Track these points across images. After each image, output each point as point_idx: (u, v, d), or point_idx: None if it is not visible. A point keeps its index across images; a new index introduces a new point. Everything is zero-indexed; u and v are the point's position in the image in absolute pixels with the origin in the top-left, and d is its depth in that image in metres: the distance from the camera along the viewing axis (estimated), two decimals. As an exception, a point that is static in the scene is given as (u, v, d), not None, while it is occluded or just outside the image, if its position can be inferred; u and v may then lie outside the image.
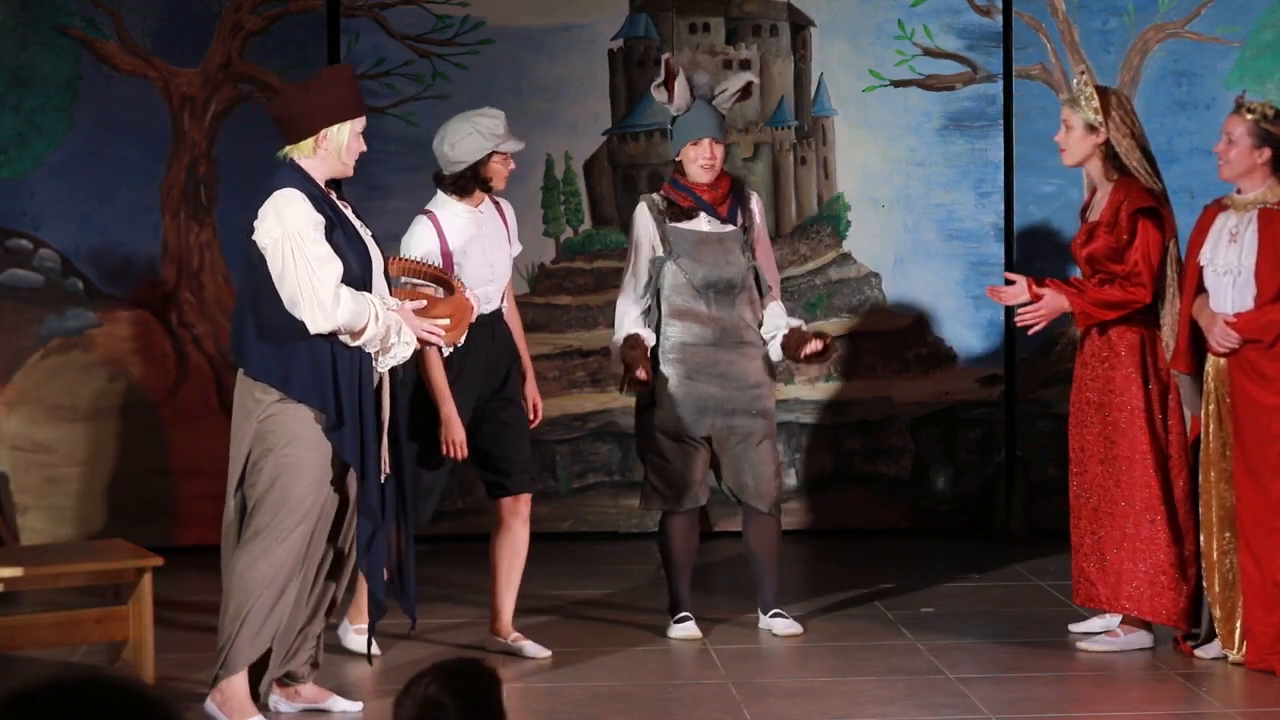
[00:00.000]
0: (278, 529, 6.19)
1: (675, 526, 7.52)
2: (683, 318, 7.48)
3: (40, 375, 9.05)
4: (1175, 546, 7.20)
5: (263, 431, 6.21)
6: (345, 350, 6.19)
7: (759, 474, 7.49)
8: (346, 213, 6.35)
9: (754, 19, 9.43)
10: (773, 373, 7.61)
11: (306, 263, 6.11)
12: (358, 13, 9.21)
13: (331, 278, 6.12)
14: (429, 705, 3.31)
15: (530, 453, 7.37)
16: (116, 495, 9.06)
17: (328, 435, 6.19)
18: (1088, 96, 7.26)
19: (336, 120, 6.28)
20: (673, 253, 7.47)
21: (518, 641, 7.23)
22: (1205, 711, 6.53)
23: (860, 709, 6.59)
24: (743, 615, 7.78)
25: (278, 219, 6.15)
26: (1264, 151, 6.96)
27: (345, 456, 6.21)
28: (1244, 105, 7.07)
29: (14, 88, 8.97)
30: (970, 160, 9.42)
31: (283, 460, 6.19)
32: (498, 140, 7.14)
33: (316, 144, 6.27)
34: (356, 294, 6.17)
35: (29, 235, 9.03)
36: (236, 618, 6.22)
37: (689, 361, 7.46)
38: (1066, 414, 9.38)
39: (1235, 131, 7.00)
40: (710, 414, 7.46)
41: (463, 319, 6.52)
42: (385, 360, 6.27)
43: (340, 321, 6.12)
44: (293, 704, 6.52)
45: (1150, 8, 9.27)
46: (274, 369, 6.20)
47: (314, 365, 6.16)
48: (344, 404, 6.17)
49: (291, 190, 6.18)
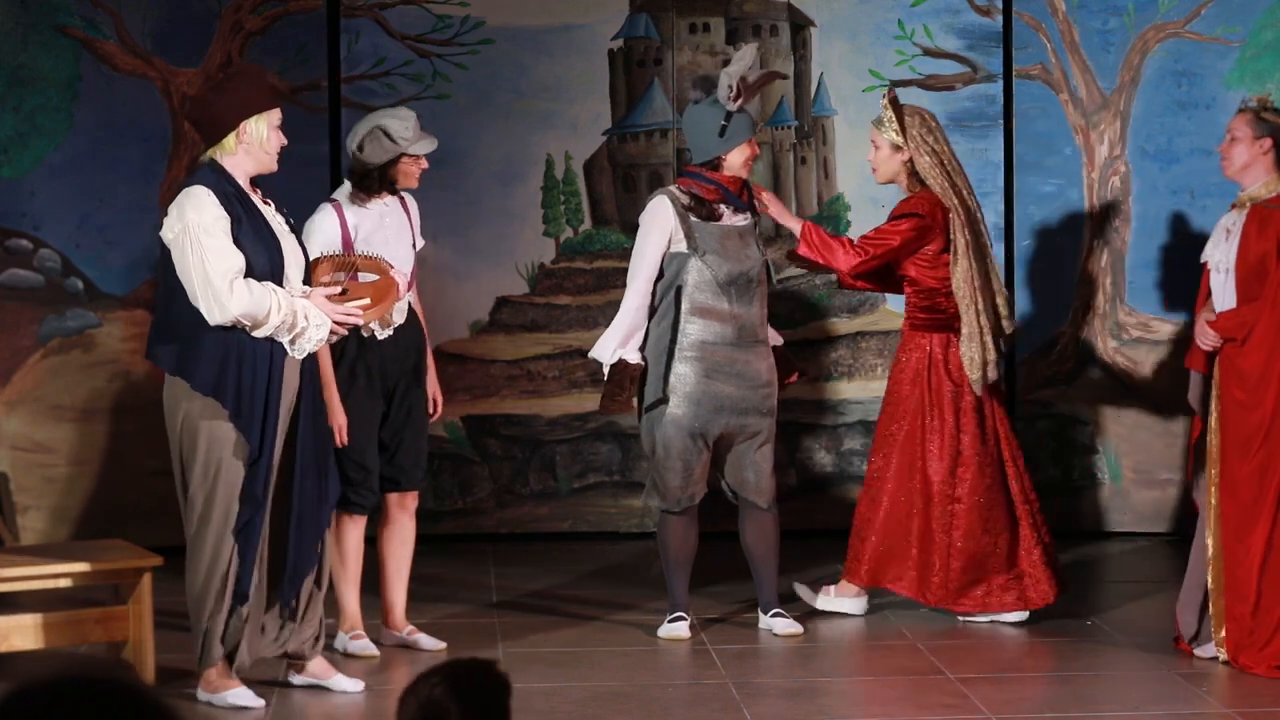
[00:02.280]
0: (215, 522, 6.45)
1: (674, 525, 7.53)
2: (704, 315, 7.47)
3: (40, 375, 9.05)
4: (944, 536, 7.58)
5: (186, 427, 6.48)
6: (252, 341, 6.40)
7: (760, 471, 7.51)
8: (265, 209, 6.55)
9: (754, 19, 9.43)
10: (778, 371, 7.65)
11: (203, 256, 6.36)
12: (358, 13, 9.21)
13: (227, 270, 6.35)
14: (431, 707, 3.28)
15: (426, 448, 7.45)
16: (116, 495, 9.06)
17: (231, 423, 6.41)
18: (890, 118, 7.65)
19: (253, 114, 6.50)
20: (698, 249, 7.46)
21: (412, 635, 7.36)
22: (1205, 711, 6.53)
23: (860, 709, 6.59)
24: (742, 615, 7.79)
25: (179, 215, 6.43)
26: (1264, 142, 6.99)
27: (248, 442, 6.41)
28: (1246, 103, 7.11)
29: (14, 88, 8.97)
30: (970, 160, 9.40)
31: (210, 455, 6.44)
32: (406, 143, 7.21)
33: (238, 139, 6.50)
34: (255, 285, 6.38)
35: (29, 235, 9.03)
36: (200, 617, 6.49)
37: (707, 360, 7.46)
38: (1066, 414, 9.41)
39: (1237, 128, 7.03)
40: (725, 413, 7.46)
41: (385, 298, 6.74)
42: (300, 345, 6.49)
43: (235, 313, 6.35)
44: (300, 677, 6.80)
45: (1150, 8, 9.27)
46: (179, 361, 6.46)
47: (215, 356, 6.39)
48: (244, 393, 6.39)
49: (198, 188, 6.44)
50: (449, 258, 9.18)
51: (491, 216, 9.22)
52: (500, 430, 9.35)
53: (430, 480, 9.28)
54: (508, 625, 7.70)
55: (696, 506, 7.54)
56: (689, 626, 7.52)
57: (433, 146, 7.31)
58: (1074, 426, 9.37)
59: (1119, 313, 9.31)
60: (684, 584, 7.57)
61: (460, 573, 8.61)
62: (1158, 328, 9.28)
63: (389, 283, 6.79)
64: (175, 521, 8.91)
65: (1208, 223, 9.18)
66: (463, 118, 9.24)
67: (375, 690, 6.82)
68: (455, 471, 9.35)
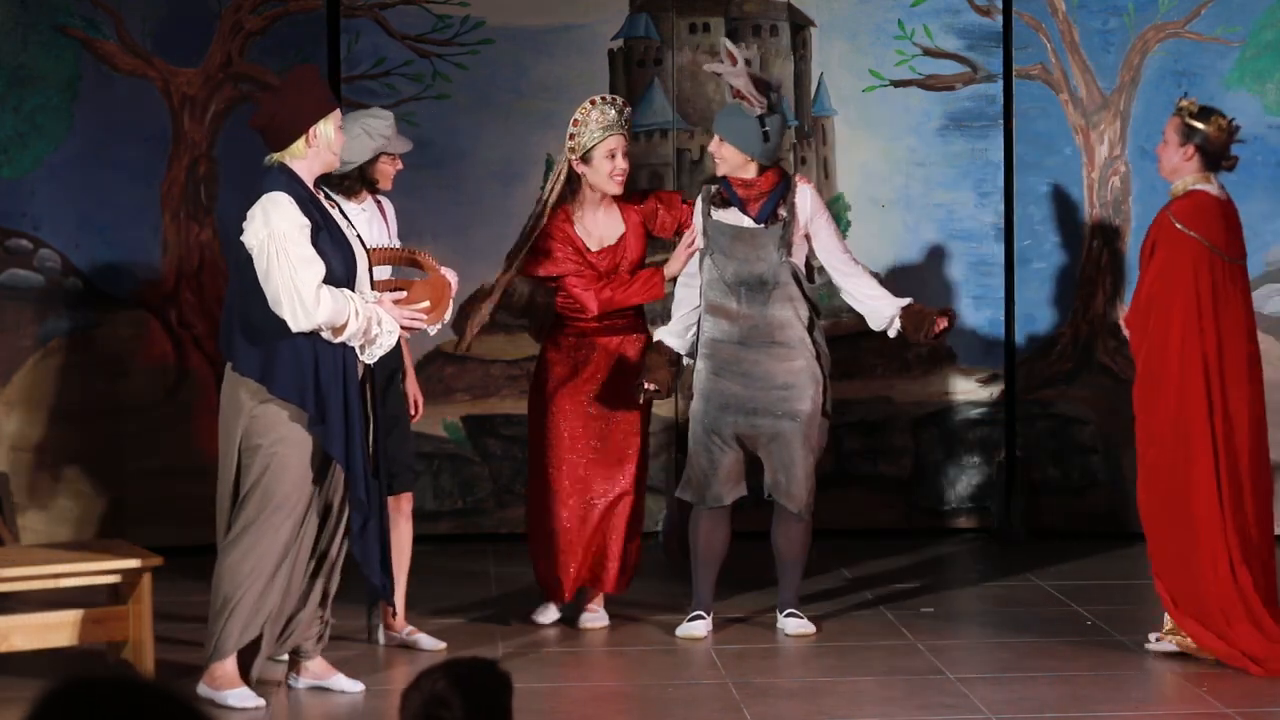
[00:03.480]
0: (264, 524, 6.46)
1: (699, 522, 7.53)
2: (715, 314, 7.50)
3: (40, 375, 9.04)
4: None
5: (250, 428, 6.47)
6: (328, 347, 6.43)
7: (790, 475, 7.45)
8: (334, 213, 6.58)
9: (754, 19, 9.43)
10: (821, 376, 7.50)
11: (289, 264, 6.36)
12: (358, 13, 9.21)
13: (313, 279, 6.36)
14: (434, 702, 3.29)
15: (413, 450, 7.48)
16: (116, 495, 9.05)
17: (310, 430, 6.43)
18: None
19: (321, 115, 6.53)
20: (710, 248, 7.49)
21: (412, 635, 7.38)
22: (1205, 711, 6.53)
23: (860, 709, 6.59)
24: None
25: (265, 221, 6.41)
26: (1188, 149, 7.11)
27: (330, 451, 6.45)
28: (1180, 105, 7.23)
29: (14, 88, 8.96)
30: (970, 160, 9.42)
31: (269, 456, 6.45)
32: (385, 141, 7.24)
33: (308, 143, 6.51)
34: (336, 293, 6.40)
35: (29, 235, 9.02)
36: (225, 609, 6.50)
37: (716, 358, 7.48)
38: (1066, 414, 9.41)
39: (1167, 131, 7.20)
40: (732, 412, 7.45)
41: (442, 299, 6.79)
42: (371, 352, 6.53)
43: (320, 320, 6.36)
44: (299, 679, 6.80)
45: (1150, 8, 9.27)
46: (258, 366, 6.46)
47: (295, 363, 6.41)
48: (326, 399, 6.41)
49: (279, 194, 6.43)
50: (449, 258, 9.15)
51: (491, 216, 9.21)
52: (500, 430, 9.35)
53: (430, 480, 9.28)
54: (508, 625, 7.69)
55: (727, 508, 7.51)
56: (706, 626, 7.51)
57: (409, 146, 7.35)
58: (1074, 426, 9.37)
59: (1119, 313, 9.31)
60: (708, 583, 7.55)
61: (460, 573, 8.60)
62: (1158, 328, 9.28)
63: (442, 281, 6.84)
64: (175, 521, 8.95)
65: (1208, 223, 9.19)
66: (463, 118, 9.24)
67: (375, 690, 6.82)
68: (455, 471, 9.35)
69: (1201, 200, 7.08)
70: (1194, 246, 7.03)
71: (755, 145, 7.43)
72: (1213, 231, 7.07)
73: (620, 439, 7.63)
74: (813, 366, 7.47)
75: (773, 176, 7.51)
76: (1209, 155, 7.09)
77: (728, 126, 7.47)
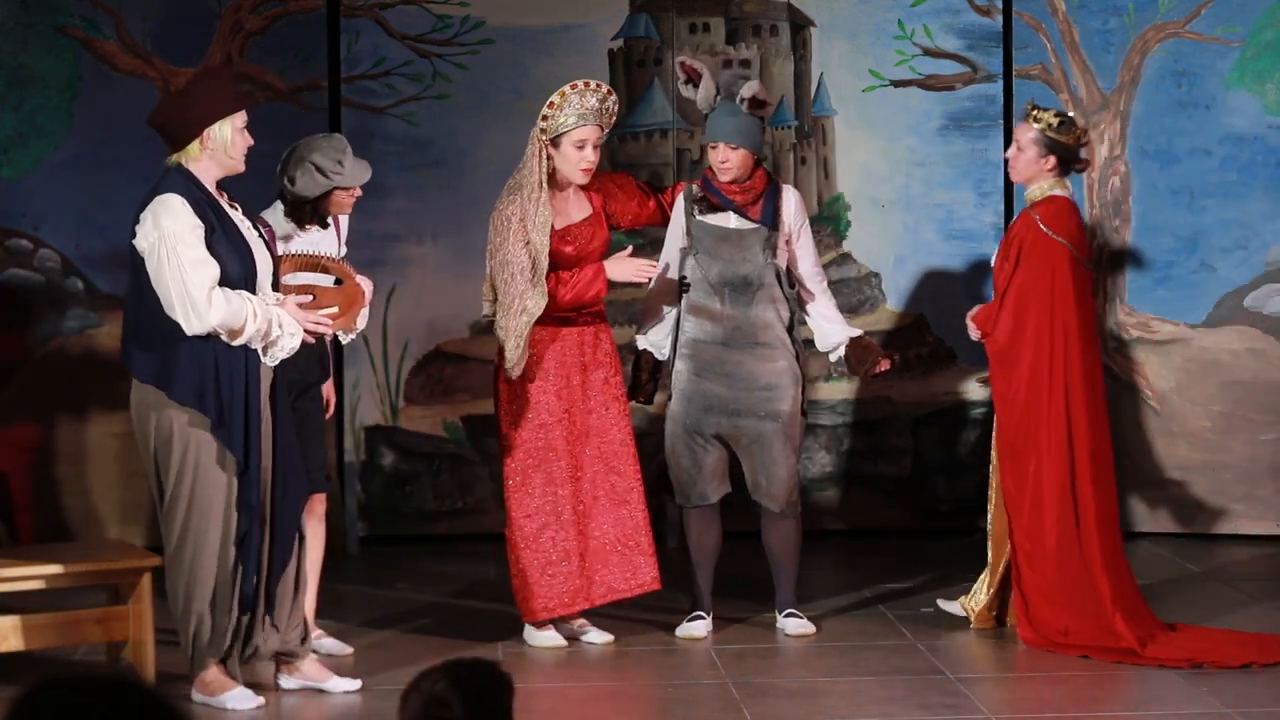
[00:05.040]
0: (195, 532, 6.42)
1: (690, 521, 7.54)
2: (698, 314, 7.48)
3: (40, 375, 9.05)
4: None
5: (158, 438, 6.42)
6: (229, 350, 6.37)
7: (771, 475, 7.47)
8: (234, 215, 6.51)
9: (754, 19, 9.43)
10: (800, 375, 7.52)
11: (180, 266, 6.31)
12: (358, 13, 9.21)
13: (205, 281, 6.30)
14: (434, 703, 3.28)
15: (326, 452, 7.43)
16: (116, 495, 9.06)
17: (213, 434, 6.37)
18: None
19: (216, 118, 6.46)
20: (694, 248, 7.47)
21: (320, 639, 7.27)
22: (1205, 711, 6.53)
23: (860, 709, 6.59)
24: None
25: (155, 223, 6.37)
26: (1049, 159, 7.32)
27: (232, 453, 6.37)
28: (1032, 113, 7.30)
29: (14, 88, 8.97)
30: (970, 160, 9.43)
31: (188, 464, 6.40)
32: (339, 178, 7.13)
33: (202, 145, 6.46)
34: (231, 294, 6.34)
35: (29, 235, 9.03)
36: (187, 619, 6.48)
37: (698, 359, 7.47)
38: (1066, 414, 9.40)
39: (1023, 139, 7.35)
40: (715, 413, 7.46)
41: (353, 305, 6.77)
42: (272, 354, 6.46)
43: (213, 323, 6.31)
44: (293, 679, 6.76)
45: (1150, 8, 9.27)
46: (155, 372, 6.41)
47: (194, 366, 6.35)
48: (228, 403, 6.35)
49: (171, 195, 6.39)
50: (449, 258, 9.18)
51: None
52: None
53: (430, 480, 9.29)
54: (508, 625, 7.68)
55: (715, 506, 7.53)
56: (706, 627, 7.51)
57: (366, 176, 7.19)
58: (1074, 426, 9.36)
59: (1119, 313, 9.31)
60: (705, 582, 7.54)
61: (460, 573, 8.60)
62: (1158, 328, 9.28)
63: (355, 289, 6.82)
64: (175, 521, 8.96)
65: (1208, 223, 9.19)
66: (463, 118, 9.24)
67: (373, 690, 6.81)
68: (455, 471, 9.35)
69: (1062, 205, 7.32)
70: (1058, 249, 7.25)
71: (760, 142, 7.44)
72: (1073, 236, 7.30)
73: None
74: (794, 367, 7.50)
75: (763, 176, 7.50)
76: (1066, 163, 7.33)
77: (735, 130, 7.37)
